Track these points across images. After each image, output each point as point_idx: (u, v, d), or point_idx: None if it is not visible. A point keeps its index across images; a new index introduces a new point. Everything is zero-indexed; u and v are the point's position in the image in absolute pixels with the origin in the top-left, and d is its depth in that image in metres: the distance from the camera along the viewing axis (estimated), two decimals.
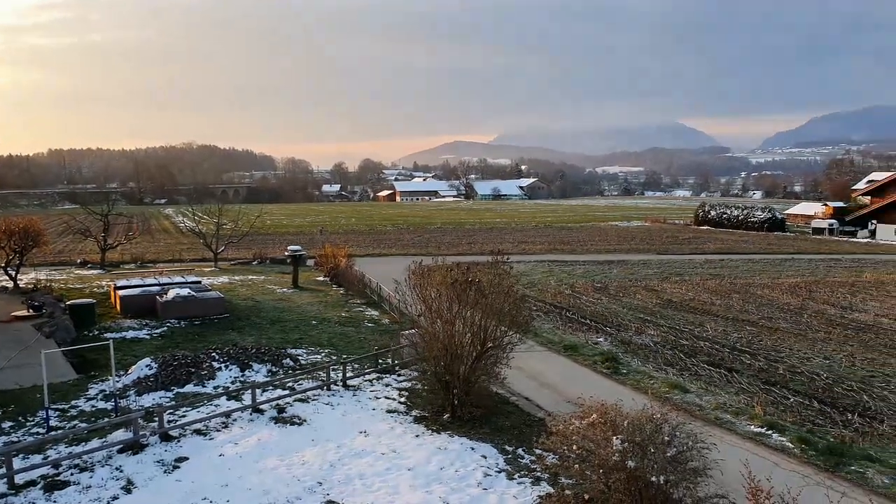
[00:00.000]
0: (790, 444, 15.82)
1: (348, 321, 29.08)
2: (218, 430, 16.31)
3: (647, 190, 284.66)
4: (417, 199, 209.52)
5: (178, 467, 14.26)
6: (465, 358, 16.87)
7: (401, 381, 20.45)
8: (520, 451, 15.25)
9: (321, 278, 40.78)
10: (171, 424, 16.17)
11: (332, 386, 19.65)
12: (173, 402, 17.91)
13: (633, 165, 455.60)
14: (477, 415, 16.99)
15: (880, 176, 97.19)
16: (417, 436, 16.17)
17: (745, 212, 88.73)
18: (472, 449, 15.36)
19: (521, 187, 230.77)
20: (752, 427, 16.97)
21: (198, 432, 16.10)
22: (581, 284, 39.75)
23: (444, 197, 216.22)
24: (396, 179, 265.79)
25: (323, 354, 23.45)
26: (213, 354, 21.55)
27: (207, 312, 28.67)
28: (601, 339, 26.19)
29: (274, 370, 21.12)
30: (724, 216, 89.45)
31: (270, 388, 19.18)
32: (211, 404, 17.92)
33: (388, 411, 17.88)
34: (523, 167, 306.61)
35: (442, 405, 17.39)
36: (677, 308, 32.87)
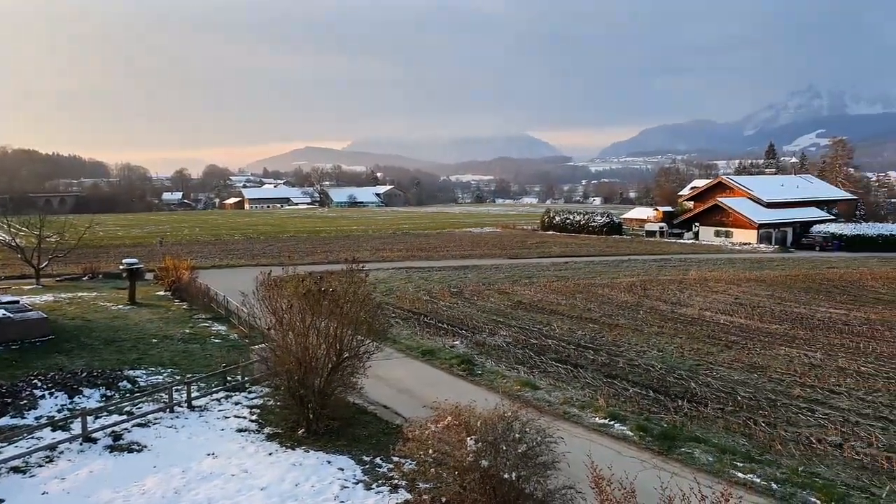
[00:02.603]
0: (630, 433, 16.97)
1: (193, 338, 27.36)
2: (41, 466, 14.63)
3: (498, 197, 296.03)
4: (268, 207, 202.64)
5: None
6: (321, 370, 16.42)
7: (252, 399, 19.52)
8: (377, 460, 15.08)
9: (162, 293, 38.09)
10: None
11: (175, 407, 18.33)
12: None
13: (484, 174, 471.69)
14: (334, 427, 16.60)
15: (701, 183, 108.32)
16: (271, 453, 15.51)
17: (586, 217, 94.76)
18: (329, 462, 14.98)
19: (377, 194, 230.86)
20: (597, 419, 18.02)
21: (16, 470, 14.33)
22: (438, 290, 40.36)
23: (297, 204, 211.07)
24: (245, 186, 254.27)
25: (165, 374, 21.84)
26: (35, 381, 19.37)
27: (27, 335, 25.67)
28: (457, 343, 26.69)
29: (109, 394, 19.36)
30: (568, 221, 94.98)
31: (104, 413, 17.56)
32: (32, 437, 16.02)
33: (239, 430, 16.99)
34: (379, 174, 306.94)
35: (297, 420, 16.80)
36: (527, 309, 34.32)
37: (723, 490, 9.37)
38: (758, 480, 14.26)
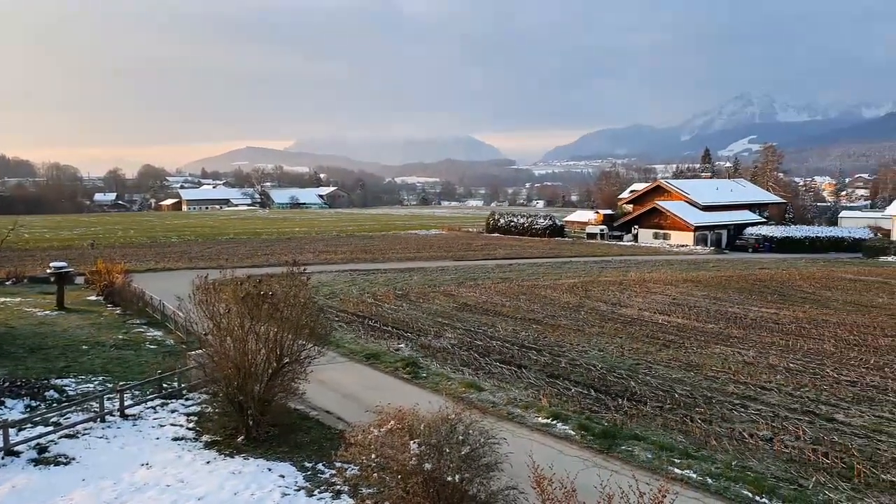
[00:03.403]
0: (572, 432, 17.18)
1: (126, 344, 26.34)
2: None
3: (444, 200, 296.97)
4: (207, 208, 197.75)
5: None
6: (261, 376, 16.03)
7: (189, 406, 18.90)
8: (320, 466, 14.82)
9: (93, 298, 36.58)
10: None
11: (107, 417, 17.57)
12: None
13: (430, 176, 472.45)
14: (274, 434, 16.23)
15: (640, 186, 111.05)
16: (209, 462, 15.03)
17: (529, 219, 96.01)
18: (270, 469, 14.62)
19: (320, 196, 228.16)
20: (540, 419, 18.17)
21: None
22: (383, 292, 40.07)
23: (237, 205, 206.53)
24: (182, 187, 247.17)
25: (96, 383, 20.92)
26: None
27: None
28: (402, 345, 26.53)
29: (34, 405, 18.41)
30: (512, 224, 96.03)
31: (29, 425, 16.66)
32: None
33: (175, 439, 16.42)
34: (322, 175, 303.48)
35: (236, 427, 16.35)
36: (472, 311, 34.44)
37: (660, 486, 9.57)
38: (694, 476, 14.64)
